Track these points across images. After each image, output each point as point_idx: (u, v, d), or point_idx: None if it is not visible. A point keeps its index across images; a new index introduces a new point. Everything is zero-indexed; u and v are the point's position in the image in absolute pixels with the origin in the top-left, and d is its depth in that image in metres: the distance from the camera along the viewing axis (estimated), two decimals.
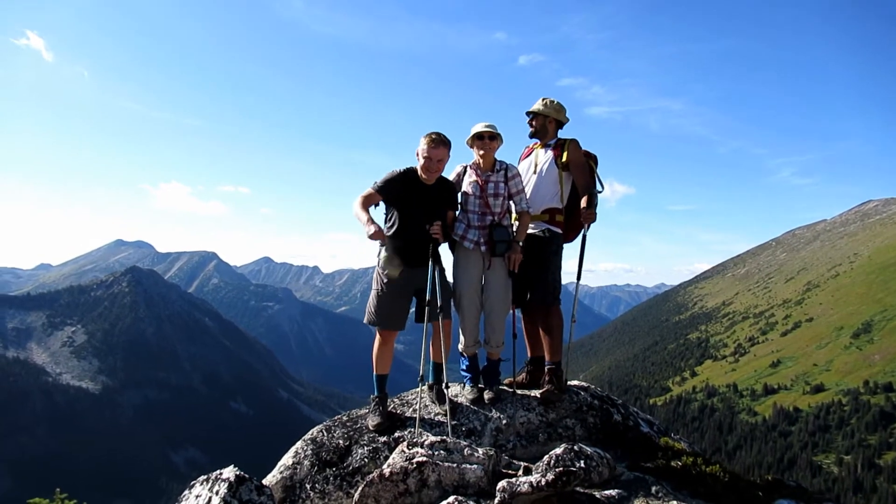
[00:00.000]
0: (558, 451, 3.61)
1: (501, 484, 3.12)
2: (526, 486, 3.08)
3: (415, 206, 4.42)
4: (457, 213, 4.75)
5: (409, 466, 3.33)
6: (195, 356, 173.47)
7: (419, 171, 4.44)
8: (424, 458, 3.39)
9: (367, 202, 4.36)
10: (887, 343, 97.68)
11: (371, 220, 4.19)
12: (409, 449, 3.55)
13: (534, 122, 5.02)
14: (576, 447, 3.67)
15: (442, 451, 3.49)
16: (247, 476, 2.51)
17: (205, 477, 2.64)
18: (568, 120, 5.04)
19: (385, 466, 3.40)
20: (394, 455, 3.60)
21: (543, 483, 3.07)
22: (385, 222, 4.55)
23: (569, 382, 4.95)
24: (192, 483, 2.70)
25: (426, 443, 3.55)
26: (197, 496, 2.55)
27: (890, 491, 62.03)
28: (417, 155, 4.42)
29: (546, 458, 3.58)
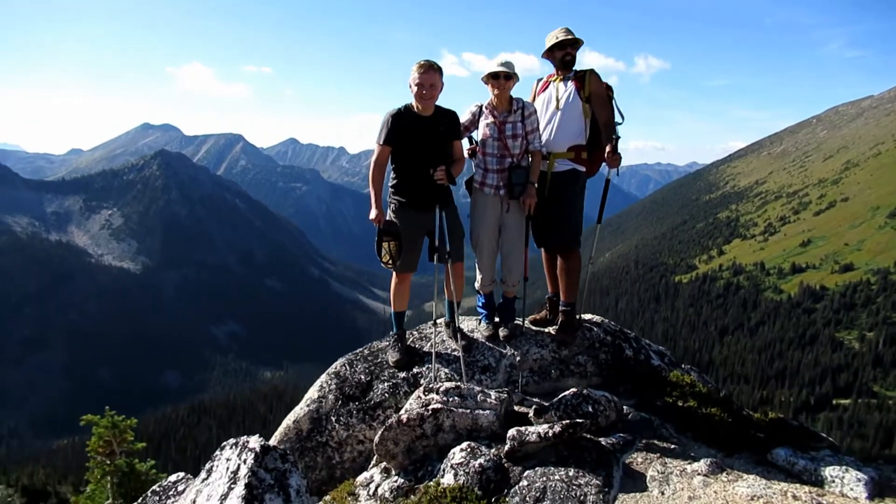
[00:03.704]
0: (567, 395, 3.78)
1: (511, 432, 3.31)
2: (534, 436, 3.27)
3: (417, 144, 4.33)
4: (463, 141, 4.63)
5: (425, 413, 3.54)
6: (229, 237, 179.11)
7: (414, 103, 4.33)
8: (439, 405, 3.59)
9: (380, 170, 4.35)
10: None
11: (376, 205, 4.26)
12: (426, 395, 3.75)
13: (573, 52, 4.66)
14: (584, 391, 3.84)
15: (456, 398, 3.69)
16: (270, 446, 2.72)
17: (234, 441, 2.86)
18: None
19: (402, 412, 3.62)
20: (410, 401, 3.82)
21: (551, 434, 3.25)
22: (391, 173, 4.52)
23: (583, 317, 5.06)
24: (224, 444, 2.94)
25: (441, 389, 3.74)
26: (227, 459, 2.79)
27: None
28: (409, 87, 4.29)
29: (556, 400, 3.76)
